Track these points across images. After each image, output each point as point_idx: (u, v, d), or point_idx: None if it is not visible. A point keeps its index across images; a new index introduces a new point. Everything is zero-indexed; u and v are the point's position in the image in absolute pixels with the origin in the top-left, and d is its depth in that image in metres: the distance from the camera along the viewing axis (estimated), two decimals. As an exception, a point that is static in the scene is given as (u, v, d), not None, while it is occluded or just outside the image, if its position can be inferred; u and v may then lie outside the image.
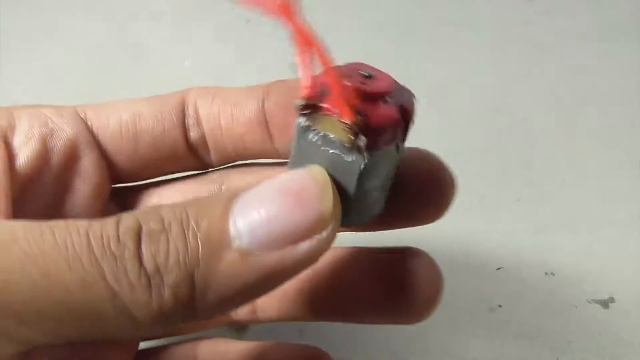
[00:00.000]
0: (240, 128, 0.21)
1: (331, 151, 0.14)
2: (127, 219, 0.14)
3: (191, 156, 0.22)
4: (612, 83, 0.44)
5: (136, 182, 0.24)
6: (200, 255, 0.14)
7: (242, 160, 0.23)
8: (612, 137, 0.41)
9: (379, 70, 0.15)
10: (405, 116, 0.16)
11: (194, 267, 0.14)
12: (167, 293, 0.13)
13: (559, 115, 0.42)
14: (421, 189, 0.19)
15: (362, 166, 0.14)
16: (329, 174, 0.15)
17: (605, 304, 0.32)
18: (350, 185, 0.15)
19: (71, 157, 0.21)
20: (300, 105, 0.14)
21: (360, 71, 0.15)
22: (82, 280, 0.13)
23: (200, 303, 0.14)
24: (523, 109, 0.42)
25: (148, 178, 0.23)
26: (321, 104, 0.14)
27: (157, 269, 0.13)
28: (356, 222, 0.16)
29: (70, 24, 0.46)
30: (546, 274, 0.34)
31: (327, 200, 0.14)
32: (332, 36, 0.52)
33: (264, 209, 0.14)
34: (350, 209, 0.15)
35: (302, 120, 0.14)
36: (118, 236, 0.14)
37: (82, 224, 0.14)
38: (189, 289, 0.14)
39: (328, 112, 0.14)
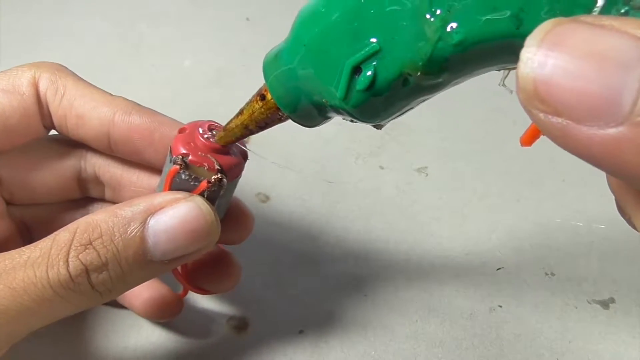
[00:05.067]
0: (85, 134, 0.26)
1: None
2: (75, 263, 0.21)
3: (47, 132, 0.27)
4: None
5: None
6: (127, 277, 0.22)
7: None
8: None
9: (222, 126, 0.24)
10: (245, 159, 0.25)
11: (127, 282, 0.22)
12: (113, 295, 0.22)
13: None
14: (235, 224, 0.28)
15: (222, 192, 0.23)
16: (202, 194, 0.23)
17: (605, 304, 0.32)
18: (213, 202, 0.24)
19: None
20: (179, 162, 0.23)
21: (213, 130, 0.24)
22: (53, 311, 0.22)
23: (120, 294, 0.23)
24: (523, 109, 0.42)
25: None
26: (192, 160, 0.23)
27: (108, 289, 0.22)
28: None
29: (71, 24, 0.46)
30: (546, 274, 0.34)
31: (211, 223, 0.22)
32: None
33: (171, 244, 0.22)
34: None
35: (182, 167, 0.23)
36: (73, 279, 0.21)
37: (40, 276, 0.21)
38: (124, 291, 0.23)
39: (197, 164, 0.23)
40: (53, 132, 0.27)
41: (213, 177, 0.23)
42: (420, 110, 0.20)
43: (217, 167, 0.23)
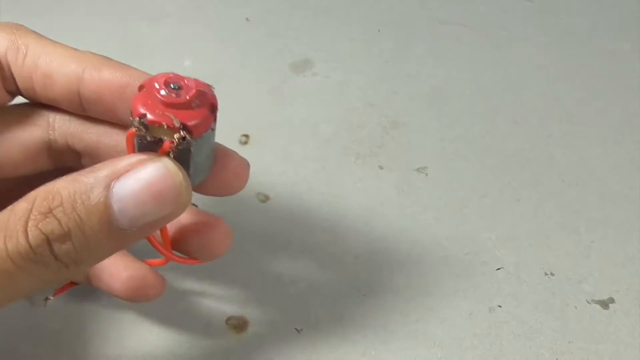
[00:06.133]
0: (54, 95, 0.24)
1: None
2: (34, 232, 0.19)
3: (10, 97, 0.26)
4: (612, 83, 0.44)
5: None
6: (94, 247, 0.20)
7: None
8: (612, 137, 0.41)
9: (184, 79, 0.22)
10: (213, 109, 0.22)
11: (94, 253, 0.21)
12: (81, 267, 0.21)
13: (559, 115, 0.42)
14: (226, 175, 0.25)
15: (191, 150, 0.21)
16: (174, 157, 0.21)
17: (605, 304, 0.32)
18: (187, 161, 0.22)
19: None
20: (136, 124, 0.21)
21: (170, 84, 0.21)
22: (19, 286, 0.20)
23: (90, 266, 0.23)
24: (523, 109, 0.42)
25: None
26: (150, 120, 0.21)
27: (74, 260, 0.20)
28: (195, 183, 0.23)
29: (70, 24, 0.46)
30: (546, 274, 0.34)
31: (180, 184, 0.21)
32: (332, 36, 0.52)
33: (139, 209, 0.20)
34: (190, 175, 0.22)
35: (141, 130, 0.21)
36: (33, 249, 0.19)
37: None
38: (93, 263, 0.22)
39: (156, 124, 0.21)
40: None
41: (175, 135, 0.21)
42: (420, 109, 0.20)
43: (176, 125, 0.21)
